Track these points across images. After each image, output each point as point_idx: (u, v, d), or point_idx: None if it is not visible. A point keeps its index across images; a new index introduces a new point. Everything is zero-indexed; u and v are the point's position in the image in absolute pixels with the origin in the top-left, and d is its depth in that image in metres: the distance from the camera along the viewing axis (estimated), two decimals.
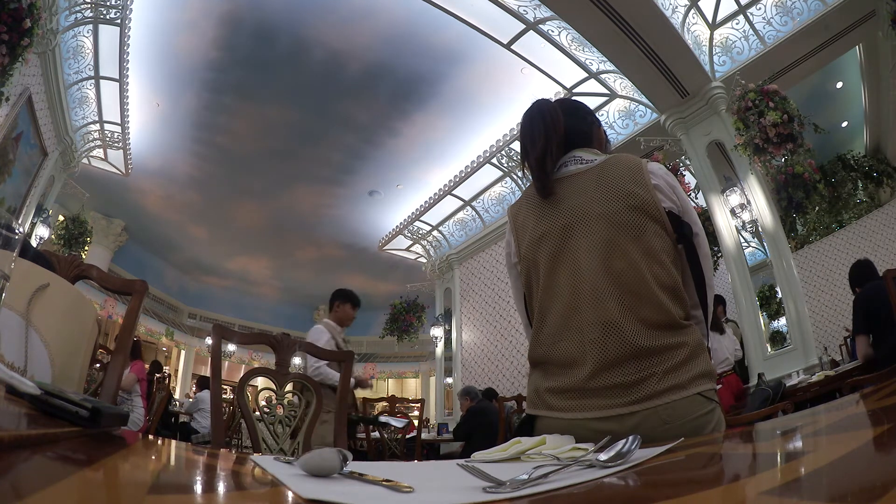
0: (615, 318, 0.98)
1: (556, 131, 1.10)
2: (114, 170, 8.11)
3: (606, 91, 6.11)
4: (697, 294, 1.09)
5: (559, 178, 1.12)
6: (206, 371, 11.13)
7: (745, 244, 5.55)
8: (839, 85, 6.86)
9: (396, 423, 4.59)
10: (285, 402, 1.63)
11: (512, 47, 5.58)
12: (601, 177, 1.07)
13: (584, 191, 1.07)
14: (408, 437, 4.67)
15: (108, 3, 5.36)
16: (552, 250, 1.08)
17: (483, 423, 4.60)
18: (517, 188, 7.69)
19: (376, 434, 4.36)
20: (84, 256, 7.24)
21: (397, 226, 9.39)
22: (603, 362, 0.98)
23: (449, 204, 8.56)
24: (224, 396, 6.19)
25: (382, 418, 4.63)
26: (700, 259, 1.08)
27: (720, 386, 3.84)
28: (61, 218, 7.32)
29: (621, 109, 6.31)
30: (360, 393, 6.12)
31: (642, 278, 0.99)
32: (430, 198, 8.57)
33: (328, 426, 3.21)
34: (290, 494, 0.42)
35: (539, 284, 1.10)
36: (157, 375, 5.33)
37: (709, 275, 1.10)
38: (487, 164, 7.54)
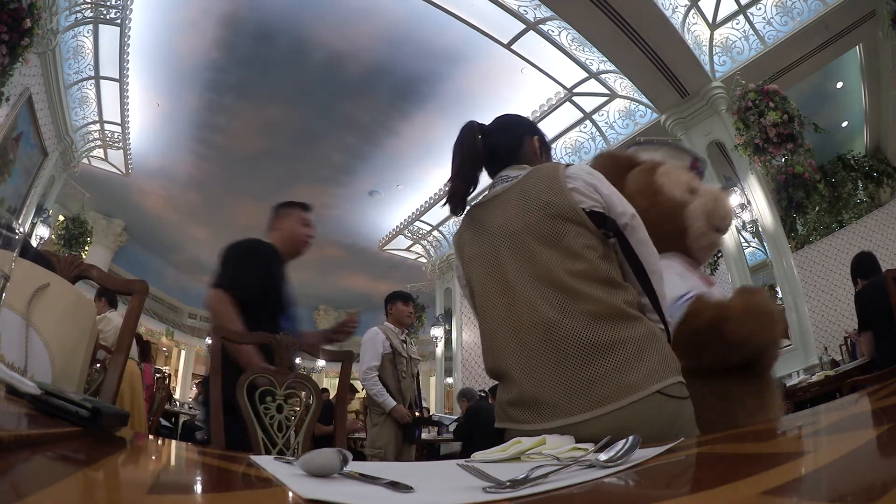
0: (553, 317, 1.00)
1: (470, 154, 1.20)
2: (114, 170, 8.11)
3: (606, 91, 6.11)
4: (641, 283, 1.08)
5: (489, 199, 1.19)
6: (207, 371, 11.11)
7: (746, 244, 5.55)
8: (839, 85, 6.86)
9: (447, 420, 4.74)
10: (285, 402, 1.62)
11: (512, 47, 5.58)
12: (521, 192, 1.12)
13: (507, 208, 1.13)
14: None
15: (108, 3, 5.36)
16: (484, 270, 1.15)
17: (483, 422, 4.60)
18: None
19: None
20: (84, 256, 7.24)
21: (397, 226, 9.38)
22: (546, 362, 0.99)
23: None
24: None
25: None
26: (633, 247, 1.08)
27: None
28: (61, 218, 7.32)
29: (621, 109, 6.30)
30: (360, 393, 6.11)
31: (571, 277, 1.01)
32: (430, 198, 8.57)
33: (377, 429, 3.23)
34: (290, 494, 0.42)
35: (477, 302, 1.18)
36: (157, 376, 5.36)
37: (650, 261, 1.09)
38: None
